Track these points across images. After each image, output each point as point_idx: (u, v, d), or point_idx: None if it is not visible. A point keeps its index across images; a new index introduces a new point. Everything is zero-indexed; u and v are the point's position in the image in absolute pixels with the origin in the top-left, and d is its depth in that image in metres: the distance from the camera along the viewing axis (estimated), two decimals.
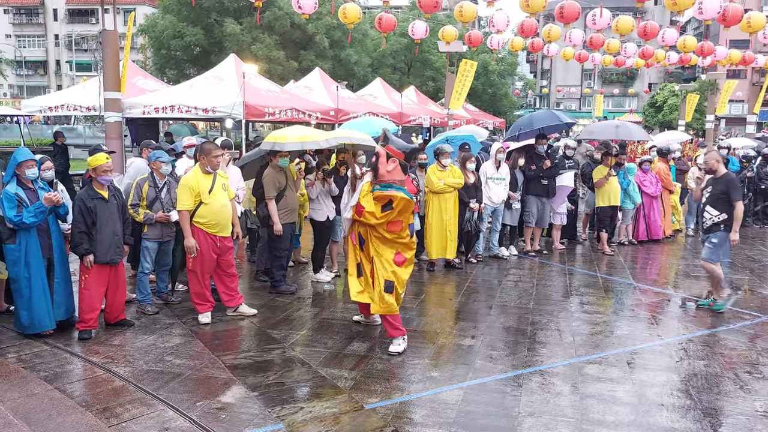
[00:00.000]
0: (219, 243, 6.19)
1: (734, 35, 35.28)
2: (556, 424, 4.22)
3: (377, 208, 5.38)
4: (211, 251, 6.15)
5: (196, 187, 6.02)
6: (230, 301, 6.43)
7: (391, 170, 5.44)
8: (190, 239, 6.02)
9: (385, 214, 5.38)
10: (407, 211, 5.48)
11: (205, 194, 6.04)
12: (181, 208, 6.03)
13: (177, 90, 13.58)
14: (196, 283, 6.20)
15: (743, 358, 5.56)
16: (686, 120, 27.32)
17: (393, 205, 5.35)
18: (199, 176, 6.09)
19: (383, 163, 5.44)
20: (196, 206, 6.03)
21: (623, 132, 11.79)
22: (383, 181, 5.44)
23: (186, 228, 6.03)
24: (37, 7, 65.94)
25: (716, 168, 7.18)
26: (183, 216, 6.04)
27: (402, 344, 5.54)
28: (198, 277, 6.17)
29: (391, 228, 5.44)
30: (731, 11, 11.33)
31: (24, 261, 5.55)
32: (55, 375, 4.90)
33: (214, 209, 6.09)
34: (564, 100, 64.76)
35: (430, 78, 35.97)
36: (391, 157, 5.45)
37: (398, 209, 5.37)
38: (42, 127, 33.01)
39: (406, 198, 5.40)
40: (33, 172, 5.64)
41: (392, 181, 5.43)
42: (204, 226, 6.08)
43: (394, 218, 5.41)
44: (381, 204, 5.38)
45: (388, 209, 5.37)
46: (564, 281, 8.20)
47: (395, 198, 5.35)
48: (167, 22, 28.08)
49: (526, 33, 13.67)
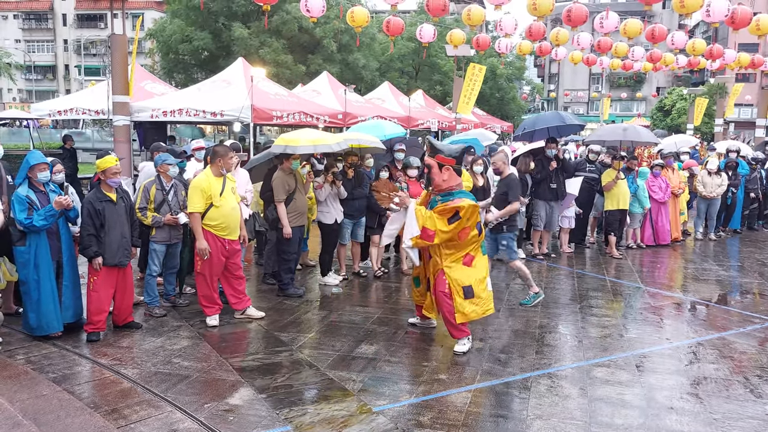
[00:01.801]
0: (228, 246, 6.20)
1: (743, 38, 35.09)
2: (564, 427, 4.20)
3: (443, 223, 5.30)
4: (220, 254, 6.16)
5: (207, 189, 6.02)
6: (238, 303, 6.44)
7: (447, 178, 5.42)
8: (202, 241, 6.02)
9: (454, 225, 5.30)
10: (474, 215, 5.39)
11: (216, 197, 6.05)
12: (193, 210, 6.03)
13: (185, 93, 13.64)
14: (204, 286, 6.21)
15: (753, 361, 5.51)
16: (695, 124, 27.20)
17: (461, 215, 5.28)
18: (211, 179, 6.10)
19: (437, 173, 5.41)
20: (206, 209, 6.04)
21: (631, 135, 11.75)
22: (442, 191, 5.41)
23: (198, 230, 6.03)
24: (47, 13, 66.51)
25: (502, 170, 7.34)
26: (195, 218, 6.03)
27: (467, 344, 5.57)
28: (206, 279, 6.18)
29: (462, 236, 5.37)
30: (740, 14, 11.29)
31: (33, 263, 5.58)
32: (63, 376, 4.92)
33: (225, 212, 6.10)
34: (572, 104, 64.62)
35: (438, 82, 35.99)
36: (443, 165, 5.42)
37: (466, 217, 5.31)
38: (51, 131, 33.22)
39: (472, 204, 5.34)
40: (45, 175, 5.67)
41: (451, 188, 5.40)
42: (214, 229, 6.09)
43: (464, 226, 5.34)
44: (447, 217, 5.31)
45: (455, 220, 5.29)
46: (572, 284, 8.16)
47: (461, 208, 5.28)
48: (175, 26, 28.25)
49: (534, 36, 13.69)
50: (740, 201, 12.52)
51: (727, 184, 11.61)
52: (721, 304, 7.47)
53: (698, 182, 11.56)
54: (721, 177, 11.53)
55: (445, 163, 5.43)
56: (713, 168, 11.40)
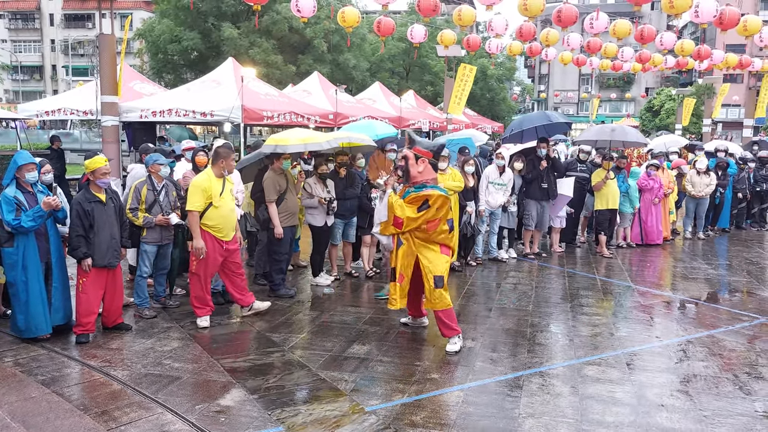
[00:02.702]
0: (224, 246, 6.19)
1: (731, 39, 35.39)
2: (556, 425, 4.21)
3: (413, 210, 5.41)
4: (217, 255, 6.15)
5: (209, 189, 6.00)
6: (243, 299, 6.45)
7: (422, 171, 5.51)
8: (200, 240, 5.99)
9: (422, 213, 5.40)
10: (444, 207, 5.49)
11: (216, 197, 6.04)
12: (192, 208, 5.98)
13: (175, 94, 13.55)
14: (197, 287, 6.17)
15: (742, 359, 5.56)
16: (683, 124, 27.41)
17: (429, 203, 5.39)
18: (212, 179, 6.08)
19: (413, 164, 5.50)
20: (205, 209, 6.01)
21: (619, 135, 11.79)
22: (416, 183, 5.49)
23: (195, 229, 6.00)
24: (33, 12, 65.89)
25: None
26: (194, 216, 5.99)
27: (458, 342, 5.58)
28: (200, 280, 6.15)
29: (430, 227, 5.45)
30: (728, 14, 11.38)
31: (21, 265, 5.52)
32: (52, 379, 4.87)
33: (224, 213, 6.09)
34: (562, 105, 64.85)
35: (429, 82, 36.05)
36: (420, 157, 5.50)
37: (435, 206, 5.40)
38: (38, 131, 32.93)
39: (442, 195, 5.45)
40: (33, 175, 5.62)
41: (425, 181, 5.49)
42: (211, 230, 6.07)
43: (432, 216, 5.42)
44: (416, 206, 5.41)
45: (424, 208, 5.41)
46: (563, 284, 8.19)
47: (431, 196, 5.39)
48: (164, 26, 28.12)
49: (525, 37, 13.73)
50: (728, 200, 12.63)
51: (715, 184, 11.70)
52: (710, 302, 7.52)
53: (687, 182, 11.64)
54: (710, 176, 11.61)
55: (422, 155, 5.52)
56: (702, 167, 11.49)
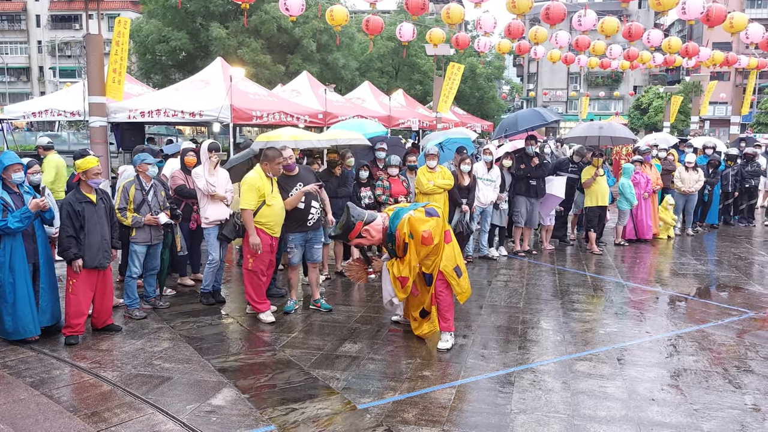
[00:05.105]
0: (273, 243, 6.32)
1: (717, 37, 35.72)
2: (548, 420, 4.23)
3: (405, 267, 5.40)
4: (269, 250, 6.28)
5: (261, 187, 6.09)
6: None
7: (378, 229, 5.48)
8: (255, 237, 6.08)
9: (411, 253, 5.36)
10: (420, 226, 5.35)
11: (269, 195, 6.13)
12: (247, 206, 6.07)
13: (163, 94, 13.45)
14: (255, 283, 6.30)
15: (731, 353, 5.60)
16: (670, 122, 27.59)
17: (406, 240, 5.34)
18: (263, 178, 6.15)
19: (372, 236, 5.49)
20: (258, 207, 6.09)
21: (608, 132, 11.83)
22: (384, 241, 5.53)
23: (251, 227, 6.08)
24: (20, 13, 65.32)
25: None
26: (248, 214, 6.08)
27: (450, 340, 5.60)
28: (257, 276, 6.26)
29: (426, 242, 5.36)
30: (714, 11, 11.47)
31: (8, 266, 5.46)
32: (41, 380, 4.83)
33: (276, 211, 6.21)
34: (551, 103, 65.08)
35: (418, 81, 36.08)
36: (366, 228, 5.46)
37: (417, 238, 5.32)
38: (25, 133, 32.67)
39: (406, 222, 5.36)
40: (19, 176, 5.56)
41: (386, 235, 5.49)
42: (265, 227, 6.17)
43: (422, 239, 5.34)
44: (402, 255, 5.43)
45: (406, 249, 5.37)
46: (553, 280, 8.22)
47: (404, 234, 5.34)
48: (152, 26, 27.93)
49: (513, 35, 13.74)
50: (717, 197, 12.73)
51: (703, 181, 11.78)
52: (700, 297, 7.58)
53: (676, 177, 11.72)
54: (698, 173, 11.70)
55: (366, 226, 5.47)
56: (690, 162, 11.57)
